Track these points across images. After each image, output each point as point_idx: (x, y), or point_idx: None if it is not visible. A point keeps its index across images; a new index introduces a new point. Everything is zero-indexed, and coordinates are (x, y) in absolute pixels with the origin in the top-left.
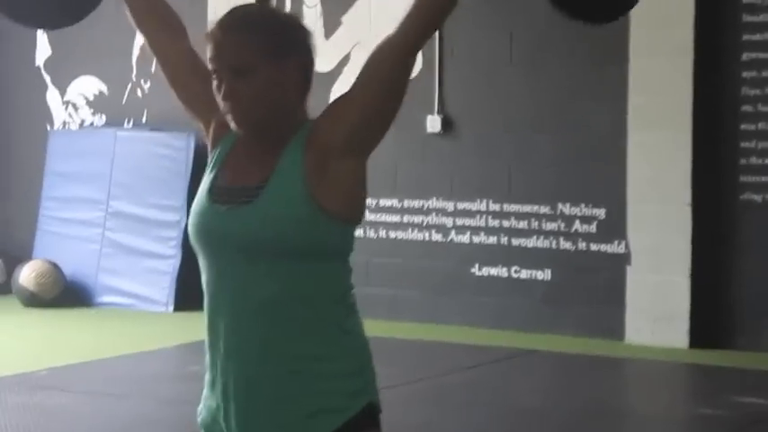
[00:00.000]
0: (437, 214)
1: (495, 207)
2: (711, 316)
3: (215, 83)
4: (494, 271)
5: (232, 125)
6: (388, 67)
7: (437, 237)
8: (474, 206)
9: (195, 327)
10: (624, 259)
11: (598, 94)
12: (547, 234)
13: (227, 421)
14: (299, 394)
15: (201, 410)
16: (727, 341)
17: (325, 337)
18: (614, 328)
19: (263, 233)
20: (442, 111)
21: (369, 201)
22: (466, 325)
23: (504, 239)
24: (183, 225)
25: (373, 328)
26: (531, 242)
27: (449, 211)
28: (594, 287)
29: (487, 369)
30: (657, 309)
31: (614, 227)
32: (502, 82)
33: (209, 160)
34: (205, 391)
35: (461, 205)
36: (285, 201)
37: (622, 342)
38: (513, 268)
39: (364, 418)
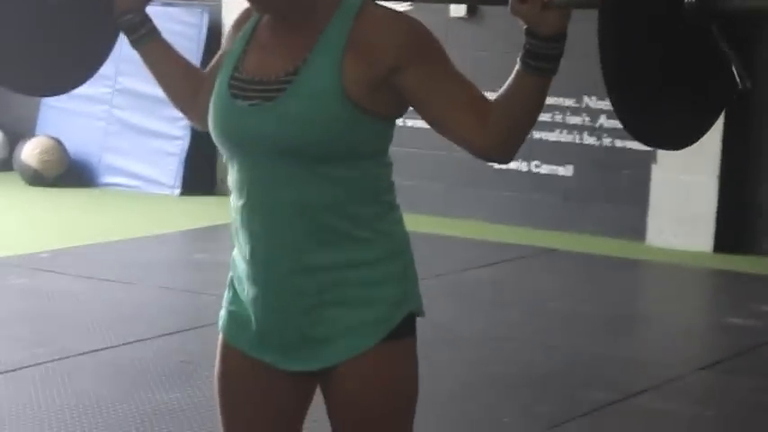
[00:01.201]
0: None
1: None
2: (738, 220)
3: None
4: (514, 165)
5: (255, 6)
6: (452, 134)
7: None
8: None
9: (203, 212)
10: (650, 157)
11: None
12: (570, 128)
13: (261, 337)
14: (339, 305)
15: (224, 316)
16: (751, 246)
17: (363, 242)
18: (636, 228)
19: (290, 134)
20: None
21: None
22: (484, 220)
23: None
24: None
25: None
26: (553, 136)
27: None
28: (618, 186)
29: (507, 266)
30: (682, 210)
31: None
32: None
33: (226, 48)
34: (228, 295)
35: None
36: (317, 97)
37: (644, 243)
38: (534, 163)
39: (405, 327)
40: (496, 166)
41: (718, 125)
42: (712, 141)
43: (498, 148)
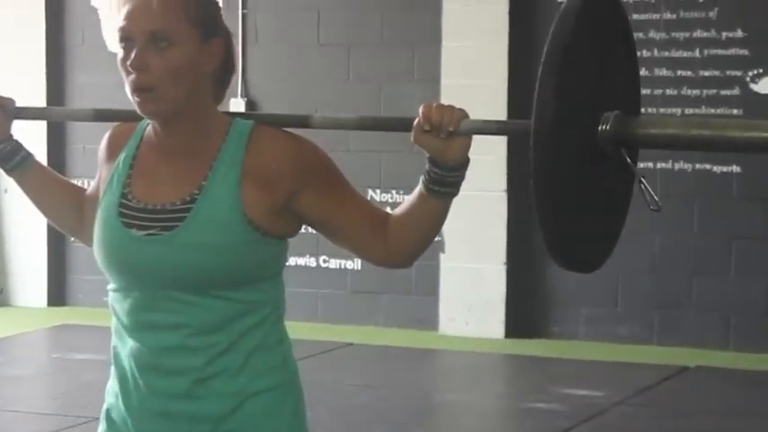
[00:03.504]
0: None
1: None
2: (527, 305)
3: (121, 54)
4: (302, 261)
5: (138, 109)
6: (354, 247)
7: None
8: None
9: None
10: (438, 246)
11: (410, 77)
12: None
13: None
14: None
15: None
16: (543, 330)
17: (249, 357)
18: (428, 318)
19: (193, 264)
20: (246, 93)
21: None
22: None
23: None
24: None
25: None
26: None
27: None
28: (407, 276)
29: (307, 363)
30: (472, 298)
31: None
32: (310, 64)
33: (103, 173)
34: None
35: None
36: (218, 227)
37: (437, 332)
38: (322, 258)
39: None
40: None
41: (502, 212)
42: (497, 228)
43: (401, 258)
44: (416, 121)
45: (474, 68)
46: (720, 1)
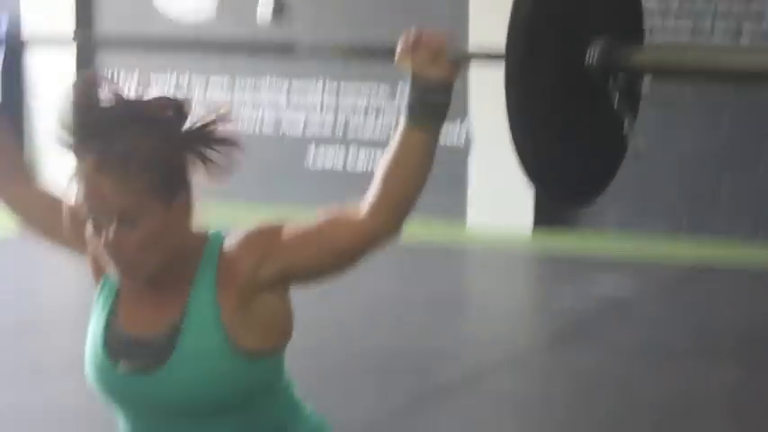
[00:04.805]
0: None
1: (332, 85)
2: None
3: (90, 226)
4: (329, 164)
5: (120, 277)
6: (343, 245)
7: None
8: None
9: None
10: (467, 141)
11: None
12: (387, 114)
13: None
14: None
15: None
16: (571, 223)
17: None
18: (456, 210)
19: (184, 398)
20: None
21: None
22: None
23: (342, 119)
24: None
25: None
26: (369, 127)
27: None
28: (435, 168)
29: None
30: (500, 190)
31: (454, 107)
32: None
33: (97, 289)
34: None
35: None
36: (206, 359)
37: (464, 225)
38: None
39: None
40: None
41: None
42: None
43: (386, 220)
44: (403, 41)
45: None
46: None
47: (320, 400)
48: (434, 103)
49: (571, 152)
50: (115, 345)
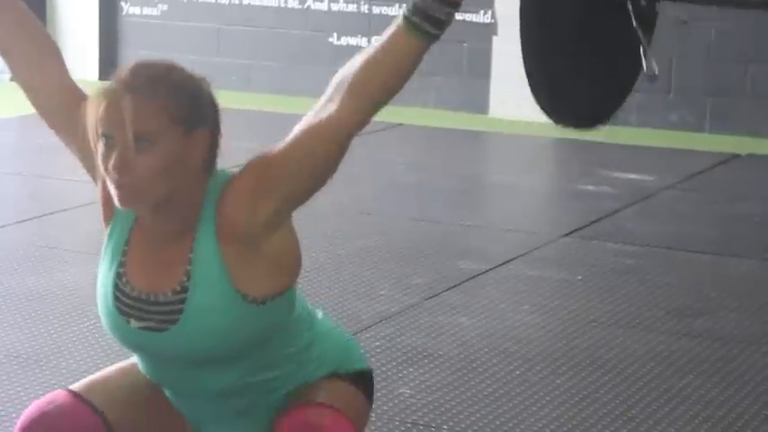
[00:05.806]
0: None
1: None
2: None
3: (101, 149)
4: (353, 41)
5: (117, 202)
6: (323, 152)
7: (293, 3)
8: None
9: None
10: (490, 30)
11: None
12: (409, 2)
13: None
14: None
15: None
16: None
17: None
18: (479, 100)
19: (200, 352)
20: None
21: None
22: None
23: (365, 7)
24: None
25: (226, 99)
26: (393, 10)
27: None
28: (458, 58)
29: (354, 141)
30: (524, 81)
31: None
32: None
33: (106, 233)
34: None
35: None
36: (215, 313)
37: (487, 115)
38: (374, 38)
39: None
40: (335, 42)
41: None
42: None
43: (360, 124)
44: None
45: None
46: None
47: (339, 289)
48: (436, 17)
49: (585, 72)
50: (125, 303)
